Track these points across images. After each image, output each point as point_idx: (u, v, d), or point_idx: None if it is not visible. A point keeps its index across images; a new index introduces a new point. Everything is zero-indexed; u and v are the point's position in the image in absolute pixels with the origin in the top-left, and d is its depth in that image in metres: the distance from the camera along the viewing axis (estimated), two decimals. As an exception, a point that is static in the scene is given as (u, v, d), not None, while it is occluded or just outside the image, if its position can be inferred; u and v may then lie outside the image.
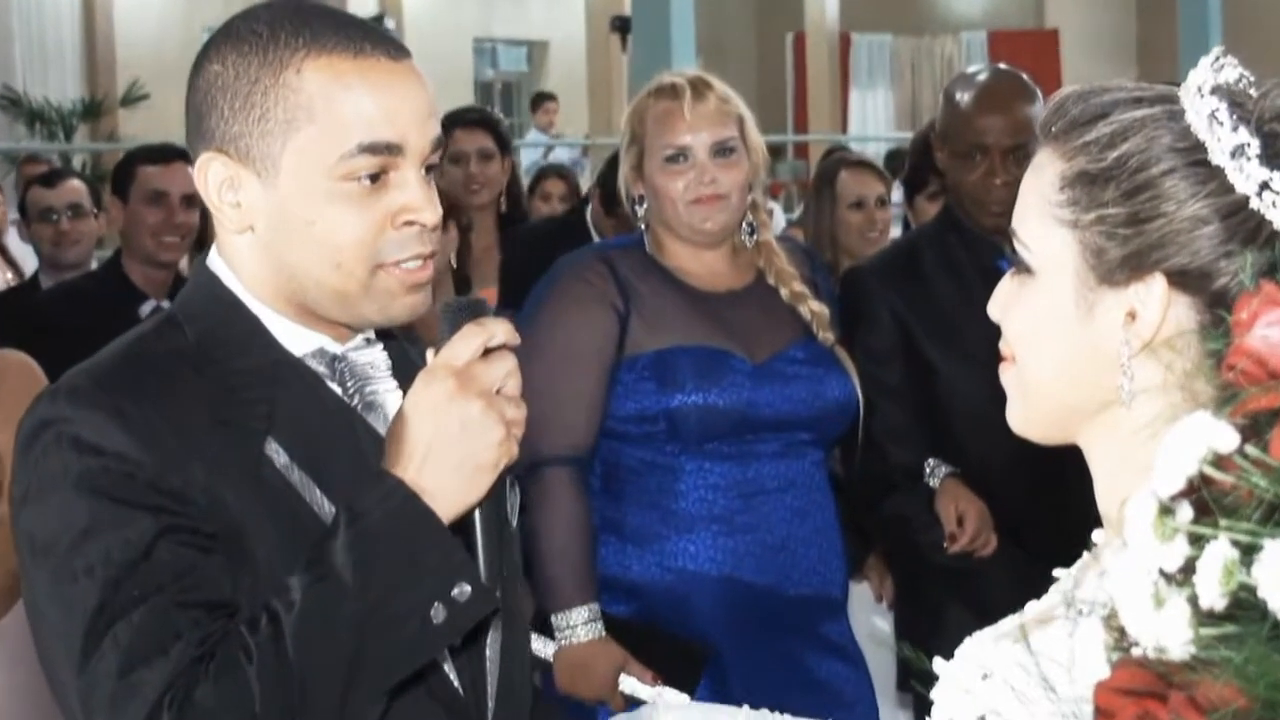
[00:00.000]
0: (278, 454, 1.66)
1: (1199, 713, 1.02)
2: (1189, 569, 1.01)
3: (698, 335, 3.08)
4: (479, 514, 1.65)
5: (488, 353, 1.64)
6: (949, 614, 3.32)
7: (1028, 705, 1.32)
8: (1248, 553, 1.00)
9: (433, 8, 18.06)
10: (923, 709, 1.45)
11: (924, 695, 1.43)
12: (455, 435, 1.60)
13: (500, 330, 1.64)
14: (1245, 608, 1.00)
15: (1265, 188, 1.29)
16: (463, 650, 1.72)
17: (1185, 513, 1.03)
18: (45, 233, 5.27)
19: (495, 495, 1.65)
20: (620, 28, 15.09)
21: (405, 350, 1.82)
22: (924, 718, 1.44)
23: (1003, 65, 3.66)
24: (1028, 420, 1.43)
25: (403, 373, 1.77)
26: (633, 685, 2.96)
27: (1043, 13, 20.23)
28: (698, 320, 3.09)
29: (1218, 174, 1.30)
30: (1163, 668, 1.03)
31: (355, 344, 1.77)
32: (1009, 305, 1.42)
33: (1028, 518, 3.29)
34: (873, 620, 3.94)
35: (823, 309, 3.19)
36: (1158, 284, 1.32)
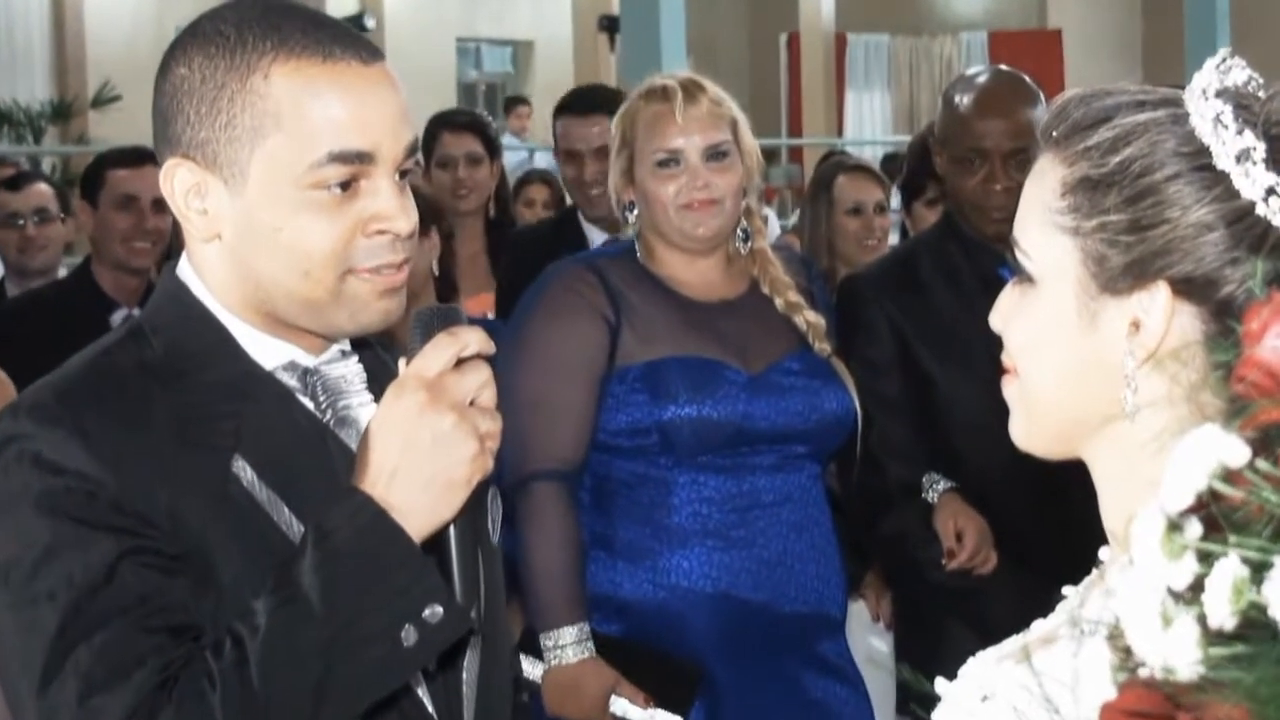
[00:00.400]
0: (244, 471, 1.63)
1: (1208, 735, 1.00)
2: (1198, 587, 0.99)
3: (691, 346, 3.03)
4: (454, 530, 1.60)
5: (461, 363, 1.60)
6: (949, 634, 3.27)
7: (1031, 727, 1.30)
8: (1258, 570, 0.98)
9: (414, 6, 17.68)
10: (923, 733, 1.43)
11: (924, 719, 1.40)
12: (426, 450, 1.56)
13: (474, 339, 1.60)
14: (1256, 627, 0.98)
15: (1272, 193, 1.27)
16: (438, 673, 1.69)
17: (1194, 529, 1.01)
18: (10, 238, 5.12)
19: (472, 511, 1.61)
20: (608, 27, 15.08)
21: (385, 361, 1.79)
22: (923, 742, 1.42)
23: (1004, 67, 3.61)
24: (1031, 434, 1.41)
25: (379, 385, 1.72)
26: (624, 707, 2.92)
27: (1045, 12, 20.13)
28: (691, 330, 3.05)
29: (1223, 179, 1.28)
30: (1170, 689, 1.01)
31: (329, 356, 1.73)
32: (1011, 316, 1.40)
33: (1029, 534, 3.25)
34: (870, 641, 3.89)
35: (819, 319, 3.14)
36: (1161, 292, 1.30)
